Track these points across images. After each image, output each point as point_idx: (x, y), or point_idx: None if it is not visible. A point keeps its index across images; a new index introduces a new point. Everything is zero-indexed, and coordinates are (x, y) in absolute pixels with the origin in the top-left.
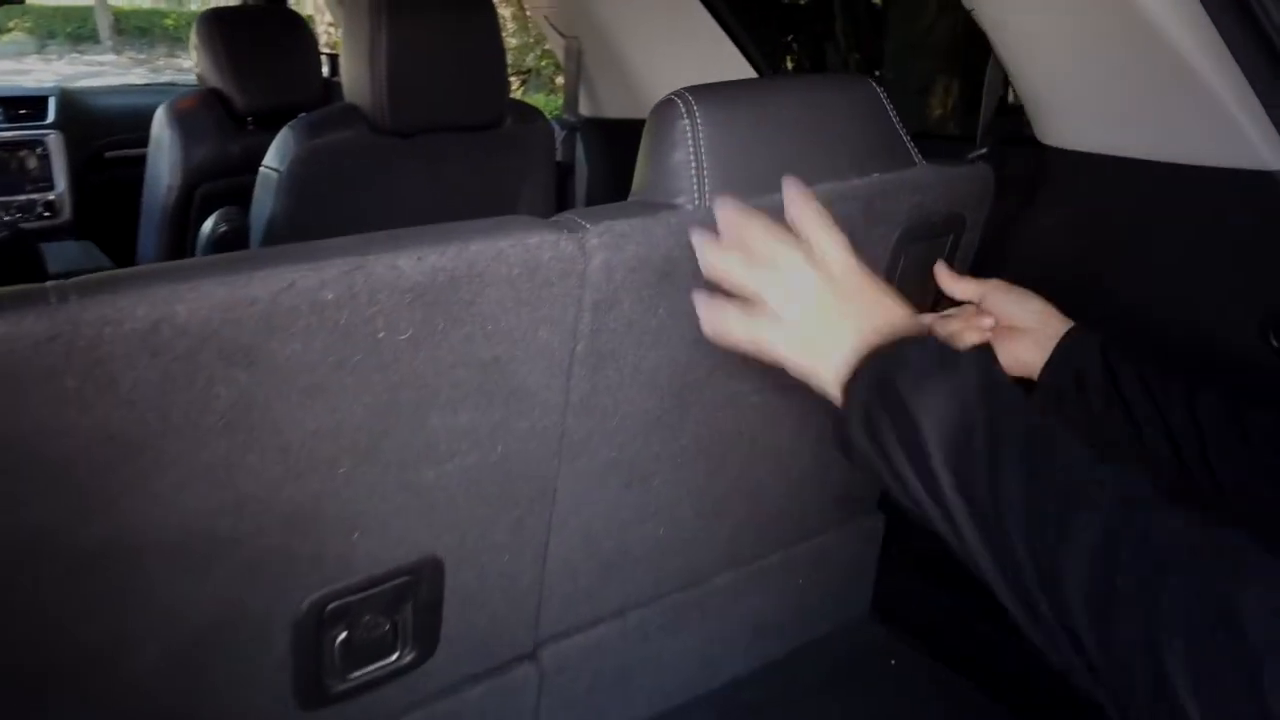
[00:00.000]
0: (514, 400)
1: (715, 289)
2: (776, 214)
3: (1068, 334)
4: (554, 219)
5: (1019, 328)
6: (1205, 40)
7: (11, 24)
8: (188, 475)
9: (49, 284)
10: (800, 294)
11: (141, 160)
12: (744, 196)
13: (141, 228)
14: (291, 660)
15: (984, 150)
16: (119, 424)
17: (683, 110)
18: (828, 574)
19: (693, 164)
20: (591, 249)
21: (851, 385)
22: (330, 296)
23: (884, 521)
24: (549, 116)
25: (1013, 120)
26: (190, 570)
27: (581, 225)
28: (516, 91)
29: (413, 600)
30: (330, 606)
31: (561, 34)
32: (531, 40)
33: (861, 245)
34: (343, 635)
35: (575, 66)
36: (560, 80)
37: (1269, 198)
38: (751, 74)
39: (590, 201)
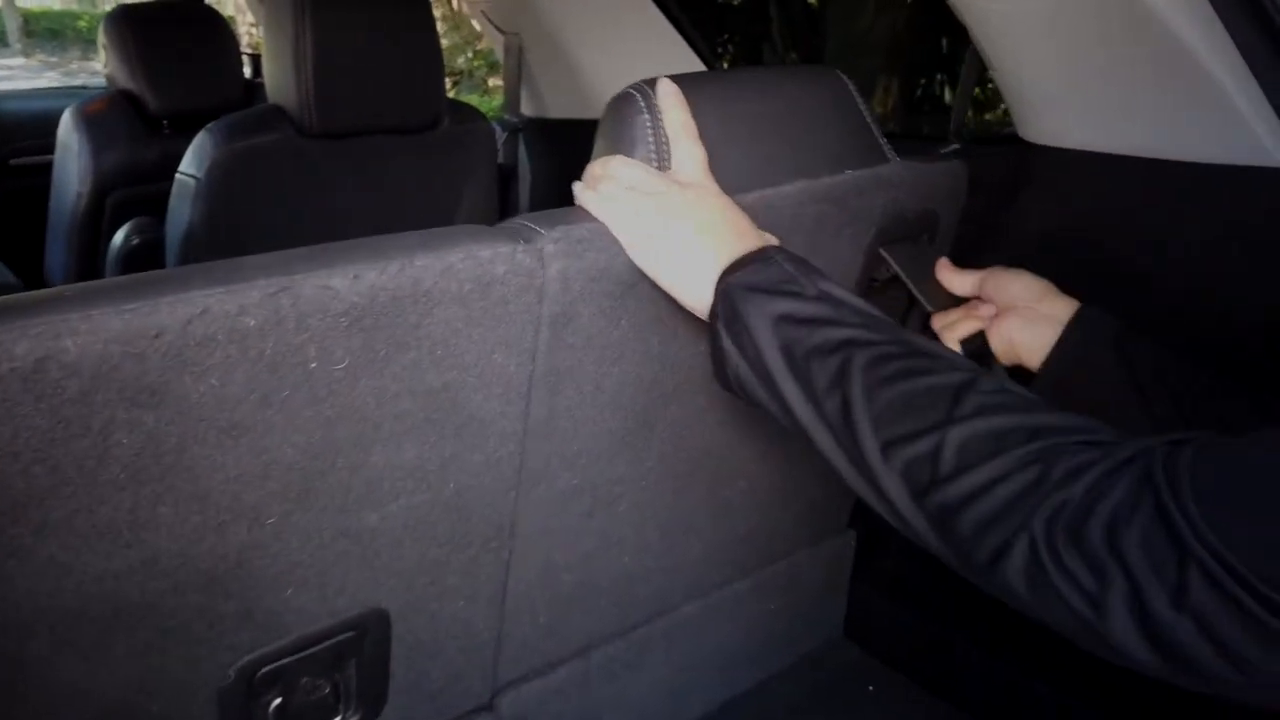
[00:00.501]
0: (466, 431)
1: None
2: (749, 211)
3: (1076, 315)
4: (504, 226)
5: (1013, 306)
6: (1210, 34)
7: None
8: (85, 535)
9: None
10: (667, 224)
11: (49, 168)
12: None
13: (49, 239)
14: None
15: (956, 147)
16: None
17: (642, 104)
18: (798, 596)
19: (655, 161)
20: (548, 257)
21: (713, 307)
22: (252, 324)
23: (855, 539)
24: (488, 117)
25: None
26: (94, 643)
27: (536, 232)
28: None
29: (356, 657)
30: (262, 671)
31: (501, 30)
32: (463, 40)
33: (836, 245)
34: (277, 701)
35: (516, 64)
36: (494, 82)
37: (1276, 194)
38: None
39: (535, 205)
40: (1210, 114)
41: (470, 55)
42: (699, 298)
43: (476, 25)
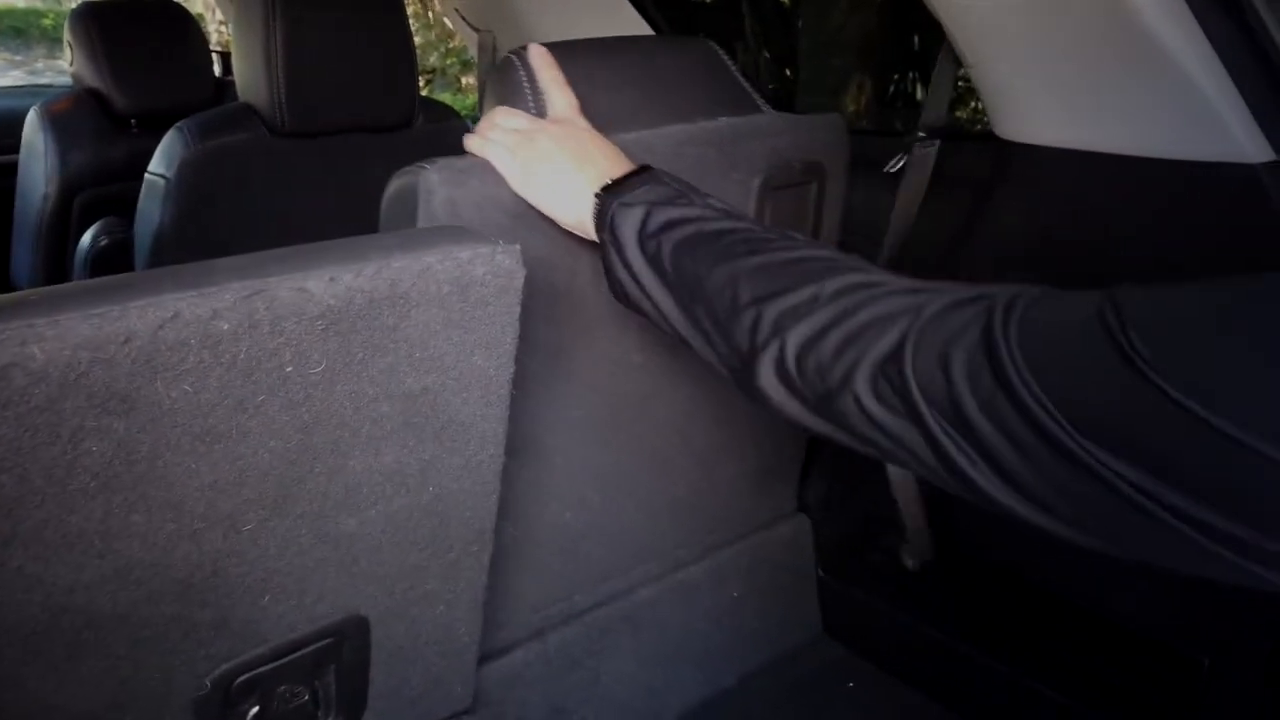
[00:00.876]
0: (445, 434)
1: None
2: (626, 151)
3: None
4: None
5: None
6: (1185, 31)
7: None
8: (55, 545)
9: None
10: (542, 155)
11: (11, 168)
12: None
13: (14, 241)
14: None
15: (923, 135)
16: None
17: (519, 65)
18: (764, 585)
19: (533, 110)
20: (434, 185)
21: (596, 225)
22: (225, 327)
23: (810, 526)
24: (462, 116)
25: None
26: (65, 655)
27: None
28: (423, 92)
29: (335, 664)
30: (239, 680)
31: (474, 28)
32: (436, 38)
33: (723, 188)
34: (255, 710)
35: (490, 62)
36: (467, 80)
37: (1251, 191)
38: None
39: None
40: (1185, 111)
41: (443, 53)
42: (578, 218)
43: (449, 23)
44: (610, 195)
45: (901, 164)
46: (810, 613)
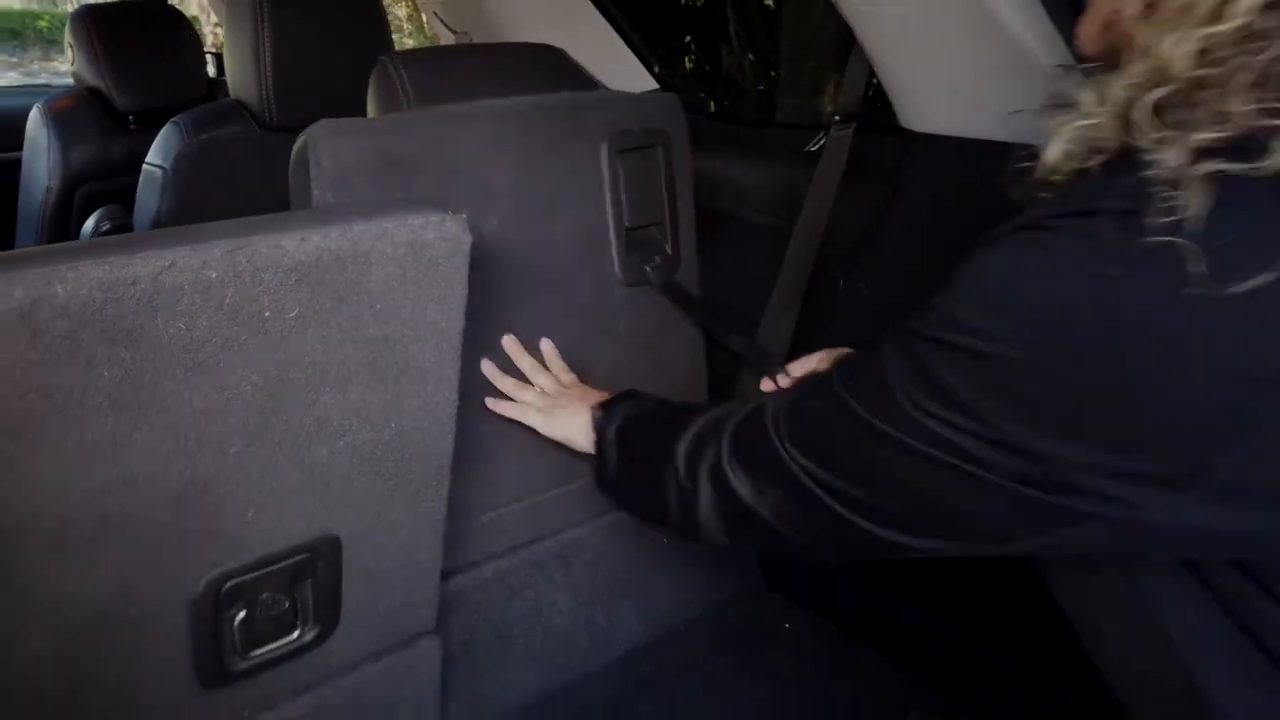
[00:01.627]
0: (404, 378)
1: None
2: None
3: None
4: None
5: None
6: (1043, 33)
7: None
8: (73, 454)
9: None
10: (558, 405)
11: (13, 165)
12: None
13: (19, 232)
14: (190, 640)
15: (838, 119)
16: None
17: (393, 71)
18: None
19: (408, 105)
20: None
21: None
22: (214, 275)
23: None
24: None
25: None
26: (78, 552)
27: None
28: None
29: (311, 578)
30: (227, 585)
31: (451, 30)
32: (426, 40)
33: (572, 147)
34: (242, 614)
35: None
36: None
37: None
38: (641, 69)
39: None
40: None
41: None
42: (586, 438)
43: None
44: (599, 410)
45: (821, 144)
46: (751, 564)
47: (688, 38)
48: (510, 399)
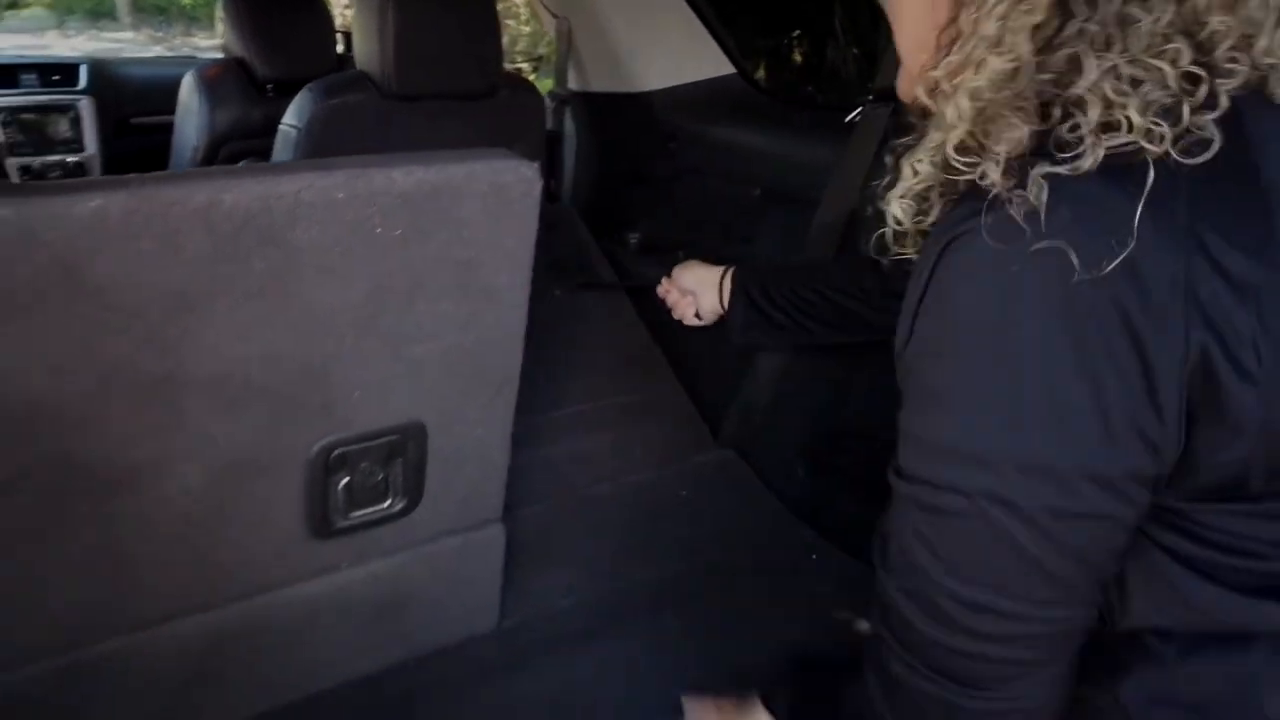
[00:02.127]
0: (485, 296)
1: None
2: None
3: (732, 286)
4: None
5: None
6: None
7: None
8: (230, 328)
9: (131, 174)
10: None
11: (164, 127)
12: None
13: None
14: (304, 494)
15: (891, 106)
16: (180, 281)
17: None
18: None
19: None
20: None
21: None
22: (340, 196)
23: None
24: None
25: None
26: (228, 407)
27: None
28: (531, 76)
29: (401, 457)
30: (335, 452)
31: (553, 14)
32: (542, 29)
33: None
34: (345, 479)
35: (565, 45)
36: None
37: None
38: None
39: (577, 165)
40: None
41: (548, 41)
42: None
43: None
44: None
45: (855, 118)
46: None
47: (765, 28)
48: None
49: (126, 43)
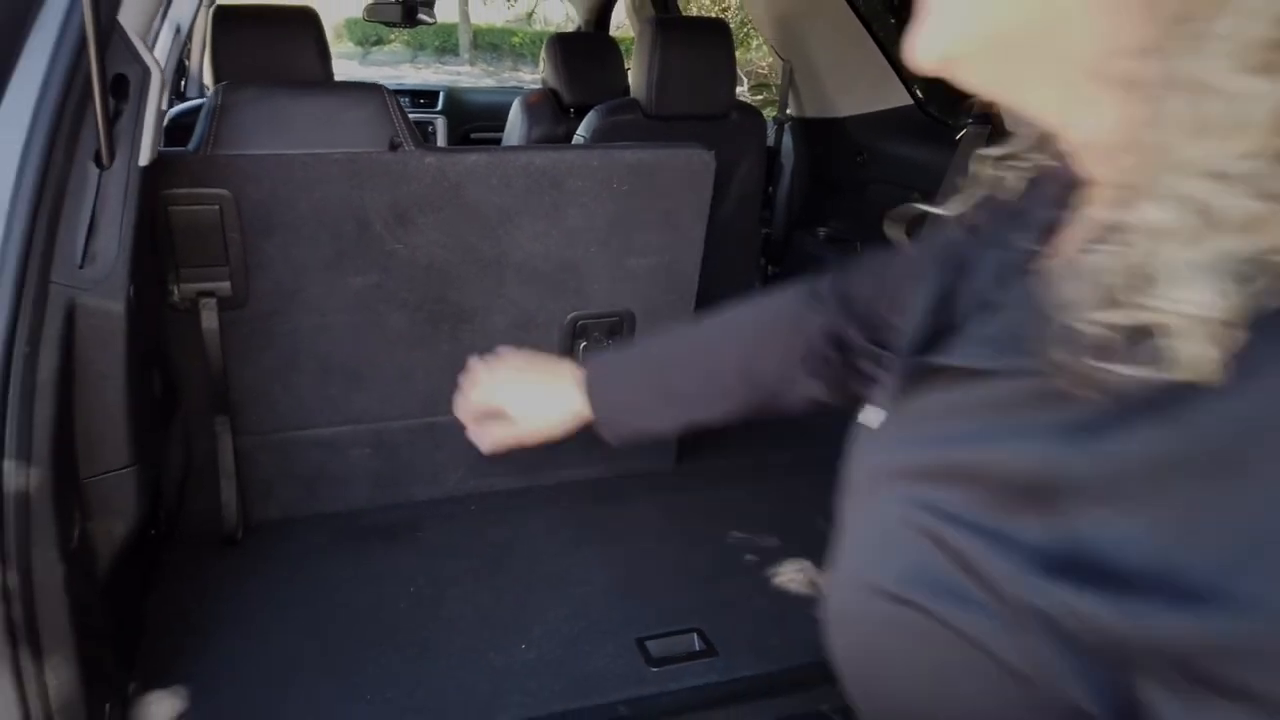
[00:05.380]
0: (675, 232)
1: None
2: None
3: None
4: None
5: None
6: None
7: (392, 36)
8: (530, 234)
9: (487, 145)
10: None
11: (494, 140)
12: None
13: None
14: (558, 348)
15: (989, 127)
16: (507, 203)
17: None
18: None
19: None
20: None
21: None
22: (595, 164)
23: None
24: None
25: None
26: (524, 281)
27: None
28: (767, 106)
29: (619, 335)
30: (580, 323)
31: (781, 58)
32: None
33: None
34: (584, 344)
35: (787, 79)
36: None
37: None
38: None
39: (793, 178)
40: None
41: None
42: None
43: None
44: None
45: (962, 135)
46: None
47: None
48: None
49: (464, 75)
